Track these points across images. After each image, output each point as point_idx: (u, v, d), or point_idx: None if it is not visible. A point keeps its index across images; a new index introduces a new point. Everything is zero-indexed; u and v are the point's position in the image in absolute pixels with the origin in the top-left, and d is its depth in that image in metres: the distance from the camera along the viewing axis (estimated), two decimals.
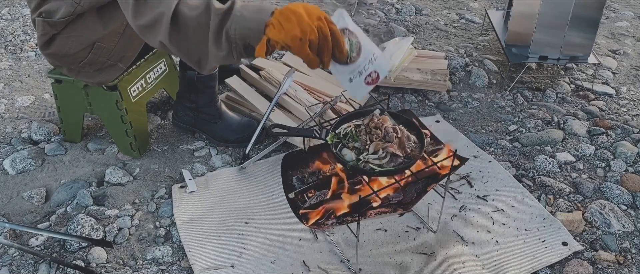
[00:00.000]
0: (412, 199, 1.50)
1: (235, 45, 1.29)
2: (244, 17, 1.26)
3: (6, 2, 3.25)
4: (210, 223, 1.76)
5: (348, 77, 1.31)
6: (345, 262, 1.64)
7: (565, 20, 2.31)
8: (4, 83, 2.50)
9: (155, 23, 1.34)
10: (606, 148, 2.14)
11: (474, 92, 2.50)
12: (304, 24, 1.18)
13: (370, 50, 1.28)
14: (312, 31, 1.19)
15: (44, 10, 1.69)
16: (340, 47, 1.24)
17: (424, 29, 3.08)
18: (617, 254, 1.69)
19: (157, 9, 1.33)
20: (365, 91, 1.33)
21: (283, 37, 1.19)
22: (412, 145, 1.47)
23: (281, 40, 1.20)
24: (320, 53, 1.23)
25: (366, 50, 1.27)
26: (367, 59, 1.28)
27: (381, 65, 1.29)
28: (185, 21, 1.32)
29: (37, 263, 1.62)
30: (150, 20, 1.35)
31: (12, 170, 1.96)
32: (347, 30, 1.27)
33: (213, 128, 2.10)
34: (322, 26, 1.20)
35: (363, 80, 1.30)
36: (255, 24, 1.24)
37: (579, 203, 1.87)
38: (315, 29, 1.19)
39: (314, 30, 1.19)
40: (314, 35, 1.19)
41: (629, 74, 2.69)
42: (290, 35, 1.19)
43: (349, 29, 1.27)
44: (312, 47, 1.21)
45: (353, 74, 1.30)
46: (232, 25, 1.27)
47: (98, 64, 1.79)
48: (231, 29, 1.27)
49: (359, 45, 1.27)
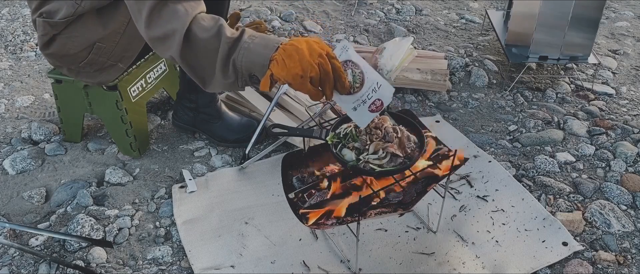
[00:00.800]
0: (412, 199, 1.50)
1: (241, 75, 1.33)
2: (251, 50, 1.29)
3: (6, 2, 3.25)
4: (210, 223, 1.76)
5: (352, 106, 1.34)
6: (345, 262, 1.64)
7: (565, 20, 2.31)
8: (4, 83, 2.50)
9: (167, 38, 1.36)
10: (606, 148, 2.14)
11: (474, 92, 2.50)
12: (304, 62, 1.22)
13: (373, 79, 1.31)
14: (313, 68, 1.23)
15: (44, 11, 1.69)
16: (342, 81, 1.28)
17: (424, 29, 3.08)
18: (617, 254, 1.69)
19: (170, 25, 1.34)
20: (369, 118, 1.36)
21: (285, 75, 1.24)
22: (412, 145, 1.47)
23: (283, 77, 1.24)
24: (323, 87, 1.27)
25: (369, 81, 1.31)
26: (370, 89, 1.31)
27: (385, 93, 1.32)
28: (197, 42, 1.34)
29: (37, 263, 1.62)
30: (163, 34, 1.36)
31: (12, 170, 1.96)
32: (350, 62, 1.30)
33: (213, 128, 2.10)
34: (323, 63, 1.24)
35: (367, 108, 1.34)
36: (261, 59, 1.28)
37: (579, 203, 1.87)
38: (316, 66, 1.23)
39: (314, 67, 1.23)
40: (315, 73, 1.23)
41: (629, 74, 2.69)
42: (292, 73, 1.23)
43: (352, 60, 1.30)
44: (314, 83, 1.25)
45: (356, 103, 1.33)
46: (240, 57, 1.30)
47: (98, 64, 1.80)
48: (238, 60, 1.30)
49: (362, 76, 1.31)
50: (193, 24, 1.33)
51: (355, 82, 1.30)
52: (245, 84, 1.36)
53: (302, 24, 3.06)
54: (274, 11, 3.18)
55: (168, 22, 1.34)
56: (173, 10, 1.33)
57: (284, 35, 2.94)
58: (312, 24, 3.06)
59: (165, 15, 1.34)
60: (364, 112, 1.34)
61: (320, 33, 2.98)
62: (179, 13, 1.33)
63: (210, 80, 1.38)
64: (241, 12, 3.08)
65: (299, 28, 3.01)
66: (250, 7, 3.20)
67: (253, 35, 1.32)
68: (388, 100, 1.33)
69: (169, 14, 1.34)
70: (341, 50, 1.30)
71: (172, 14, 1.34)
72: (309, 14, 3.17)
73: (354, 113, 1.35)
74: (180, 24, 1.32)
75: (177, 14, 1.33)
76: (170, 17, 1.34)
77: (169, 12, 1.34)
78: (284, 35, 2.94)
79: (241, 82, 1.34)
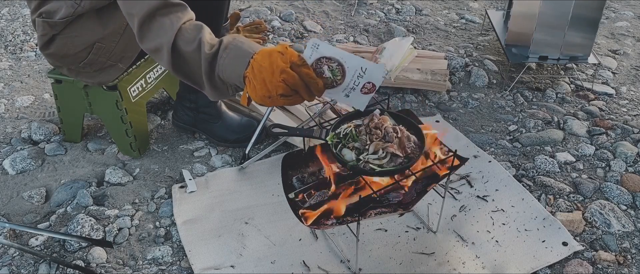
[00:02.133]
0: (412, 199, 1.50)
1: (228, 85, 1.34)
2: (226, 66, 1.29)
3: (6, 2, 3.25)
4: (210, 223, 1.76)
5: (342, 95, 1.33)
6: (345, 262, 1.64)
7: (565, 20, 2.31)
8: (4, 83, 2.50)
9: (157, 51, 1.37)
10: (606, 148, 2.14)
11: (474, 92, 2.50)
12: (268, 82, 1.21)
13: (355, 66, 1.28)
14: (278, 87, 1.21)
15: (44, 11, 1.69)
16: (315, 85, 1.24)
17: (424, 29, 3.08)
18: (617, 254, 1.69)
19: (159, 39, 1.35)
20: (365, 100, 1.35)
21: (254, 97, 1.25)
22: (412, 145, 1.47)
23: (253, 98, 1.26)
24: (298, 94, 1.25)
25: (351, 69, 1.28)
26: (355, 75, 1.29)
27: (373, 75, 1.30)
28: (183, 54, 1.34)
29: (37, 263, 1.62)
30: (154, 47, 1.37)
31: (12, 170, 1.96)
32: (324, 59, 1.28)
33: (213, 128, 2.10)
34: (287, 78, 1.21)
35: (359, 92, 1.32)
36: (236, 75, 1.28)
37: (579, 203, 1.87)
38: (281, 83, 1.21)
39: (279, 85, 1.21)
40: (281, 89, 1.21)
41: (629, 74, 2.69)
42: (259, 95, 1.23)
43: (325, 56, 1.27)
44: (286, 96, 1.23)
45: (346, 91, 1.32)
46: (221, 72, 1.31)
47: (98, 64, 1.80)
48: (220, 74, 1.31)
49: (341, 67, 1.28)
50: (177, 37, 1.33)
51: (335, 75, 1.28)
52: (235, 91, 1.37)
53: (302, 24, 3.06)
54: (274, 11, 3.18)
55: (157, 35, 1.35)
56: (160, 24, 1.34)
57: (284, 35, 2.94)
58: (312, 24, 3.06)
59: (154, 28, 1.35)
60: (357, 95, 1.32)
61: (320, 33, 2.98)
62: (165, 27, 1.34)
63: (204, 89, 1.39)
64: (241, 12, 3.08)
65: (299, 28, 3.01)
66: (250, 7, 3.20)
67: (228, 47, 1.29)
68: (379, 81, 1.30)
69: (156, 28, 1.35)
70: (311, 50, 1.27)
71: (159, 27, 1.34)
72: (309, 14, 3.17)
73: (348, 100, 1.34)
74: (166, 39, 1.33)
75: (163, 28, 1.34)
76: (158, 30, 1.35)
77: (157, 26, 1.35)
78: (284, 35, 2.94)
79: (231, 90, 1.35)
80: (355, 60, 1.28)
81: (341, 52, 1.28)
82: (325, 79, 1.28)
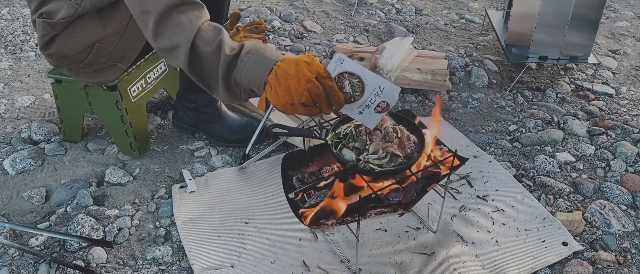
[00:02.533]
0: (412, 199, 1.50)
1: (243, 89, 1.35)
2: (247, 70, 1.30)
3: (6, 2, 3.25)
4: (210, 223, 1.76)
5: (356, 111, 1.34)
6: (345, 262, 1.64)
7: (565, 20, 2.31)
8: (4, 83, 2.50)
9: (173, 49, 1.36)
10: (606, 148, 2.14)
11: (474, 92, 2.50)
12: (293, 90, 1.22)
13: (374, 84, 1.30)
14: (302, 95, 1.22)
15: (44, 11, 1.69)
16: (336, 98, 1.27)
17: (424, 29, 3.08)
18: (617, 254, 1.69)
19: (176, 37, 1.34)
20: (377, 119, 1.36)
21: (276, 102, 1.26)
22: (412, 145, 1.47)
23: (274, 104, 1.26)
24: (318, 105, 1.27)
25: (370, 87, 1.31)
26: (372, 94, 1.31)
27: (389, 95, 1.32)
28: (201, 55, 1.35)
29: (37, 263, 1.62)
30: (170, 46, 1.37)
31: (12, 170, 1.96)
32: (346, 73, 1.30)
33: (213, 128, 2.10)
34: (312, 87, 1.23)
35: (373, 110, 1.34)
36: (256, 80, 1.29)
37: (579, 203, 1.87)
38: (306, 92, 1.22)
39: (303, 94, 1.22)
40: (305, 98, 1.23)
41: (629, 74, 2.69)
42: (281, 101, 1.24)
43: (348, 71, 1.30)
44: (307, 105, 1.25)
45: (361, 108, 1.34)
46: (238, 75, 1.32)
47: (98, 65, 1.80)
48: (238, 77, 1.32)
49: (361, 84, 1.30)
50: (197, 36, 1.33)
51: (355, 91, 1.31)
52: (249, 97, 1.38)
53: (302, 24, 3.06)
54: (274, 11, 3.18)
55: (174, 33, 1.34)
56: (177, 22, 1.34)
57: (284, 35, 2.94)
58: (312, 24, 3.06)
59: (170, 26, 1.35)
60: (370, 114, 1.34)
61: (320, 33, 2.98)
62: (183, 25, 1.33)
63: (216, 90, 1.39)
64: (241, 12, 3.08)
65: (299, 28, 3.01)
66: (250, 7, 3.20)
67: (250, 51, 1.31)
68: (393, 101, 1.33)
69: (173, 26, 1.34)
70: (336, 64, 1.30)
71: (177, 25, 1.34)
72: (309, 14, 3.17)
73: (360, 117, 1.35)
74: (185, 37, 1.33)
75: (181, 25, 1.33)
76: (175, 28, 1.34)
77: (174, 24, 1.34)
78: (284, 35, 2.94)
79: (244, 95, 1.36)
80: (375, 79, 1.30)
81: (363, 70, 1.30)
82: (345, 94, 1.30)
